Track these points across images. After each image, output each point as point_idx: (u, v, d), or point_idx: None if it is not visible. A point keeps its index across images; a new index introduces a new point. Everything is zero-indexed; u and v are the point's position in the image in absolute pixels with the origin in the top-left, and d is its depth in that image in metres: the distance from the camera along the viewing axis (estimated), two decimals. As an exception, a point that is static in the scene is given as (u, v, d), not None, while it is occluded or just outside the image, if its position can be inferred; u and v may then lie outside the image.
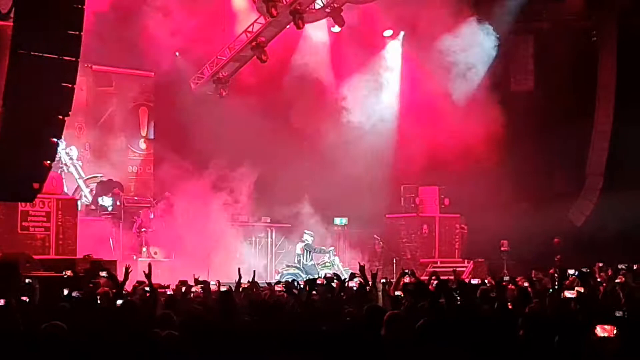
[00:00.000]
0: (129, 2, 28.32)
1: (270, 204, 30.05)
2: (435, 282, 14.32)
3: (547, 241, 28.75)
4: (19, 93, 16.19)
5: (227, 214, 29.00)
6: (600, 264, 20.83)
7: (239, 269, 17.03)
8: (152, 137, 31.75)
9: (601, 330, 8.87)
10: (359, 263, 16.85)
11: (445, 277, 17.18)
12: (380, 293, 14.82)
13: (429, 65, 30.54)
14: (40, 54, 16.00)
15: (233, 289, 16.22)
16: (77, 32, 16.28)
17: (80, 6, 16.30)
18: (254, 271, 17.32)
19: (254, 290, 16.49)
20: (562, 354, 9.37)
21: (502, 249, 29.05)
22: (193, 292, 16.00)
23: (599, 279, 18.73)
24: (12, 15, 16.80)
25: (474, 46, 30.40)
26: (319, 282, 16.67)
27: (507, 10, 30.63)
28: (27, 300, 13.47)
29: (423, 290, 13.79)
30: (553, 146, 29.59)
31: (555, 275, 18.91)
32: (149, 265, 13.83)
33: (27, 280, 16.68)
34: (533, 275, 19.31)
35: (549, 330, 9.91)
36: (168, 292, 15.92)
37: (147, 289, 13.77)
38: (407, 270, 18.00)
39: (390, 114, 31.54)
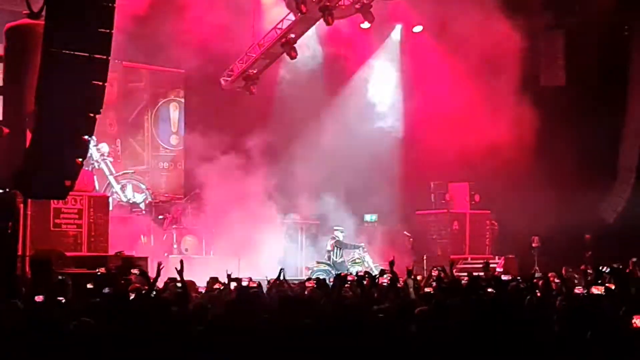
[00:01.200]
0: (159, 0, 28.40)
1: (300, 200, 30.04)
2: (467, 278, 14.32)
3: (579, 237, 28.65)
4: (51, 91, 16.27)
5: (258, 211, 29.02)
6: (634, 259, 20.71)
7: (281, 269, 17.09)
8: (182, 133, 31.86)
9: (639, 321, 8.85)
10: (390, 261, 16.84)
11: (477, 274, 17.20)
12: (411, 290, 14.82)
13: (459, 62, 30.43)
14: (72, 53, 16.06)
15: (264, 285, 16.29)
16: (108, 30, 16.35)
17: (110, 4, 16.36)
18: (281, 269, 17.36)
19: (285, 286, 16.50)
20: (596, 348, 9.35)
21: (533, 245, 28.92)
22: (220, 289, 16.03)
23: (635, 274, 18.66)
24: (43, 14, 16.90)
25: (504, 41, 30.26)
26: (349, 279, 16.69)
27: (537, 5, 30.50)
28: (61, 297, 13.55)
29: (456, 287, 13.80)
30: (584, 142, 29.43)
31: (588, 271, 18.87)
32: (181, 262, 13.91)
33: (59, 277, 16.78)
34: (564, 272, 19.22)
35: (581, 326, 9.90)
36: (200, 289, 16.01)
37: (179, 285, 13.84)
38: (438, 267, 17.99)
39: (420, 110, 31.48)
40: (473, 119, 29.72)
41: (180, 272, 13.60)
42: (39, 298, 12.61)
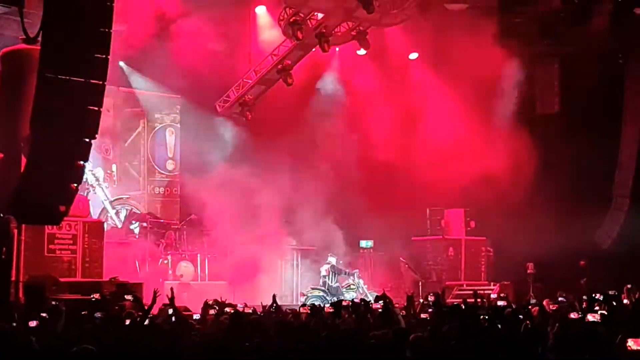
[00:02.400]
0: (156, 25, 28.45)
1: (296, 226, 30.02)
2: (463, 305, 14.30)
3: (574, 263, 28.66)
4: (46, 116, 16.25)
5: (254, 236, 28.99)
6: (629, 286, 20.70)
7: (274, 295, 17.08)
8: (178, 158, 31.85)
9: (634, 344, 8.85)
10: (383, 290, 16.85)
11: (473, 300, 17.20)
12: (399, 317, 14.79)
13: (455, 89, 30.51)
14: (67, 78, 16.05)
15: (259, 311, 16.27)
16: (104, 56, 16.36)
17: (107, 30, 16.38)
18: (274, 295, 17.33)
19: (279, 313, 16.49)
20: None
21: (529, 271, 28.92)
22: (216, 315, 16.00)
23: (627, 301, 18.65)
24: (39, 39, 16.91)
25: (500, 69, 30.35)
26: (344, 304, 16.68)
27: (532, 33, 30.61)
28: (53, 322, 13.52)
29: (452, 313, 13.78)
30: (579, 168, 29.45)
31: (583, 297, 18.88)
32: (171, 290, 13.92)
33: (53, 303, 16.72)
34: (559, 298, 19.22)
35: (577, 352, 9.88)
36: (194, 316, 15.98)
37: (171, 312, 13.84)
38: (432, 293, 17.97)
39: (415, 136, 31.51)
40: (469, 146, 29.78)
41: (171, 300, 13.58)
42: (32, 323, 12.57)
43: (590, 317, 13.49)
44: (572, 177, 29.53)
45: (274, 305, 16.92)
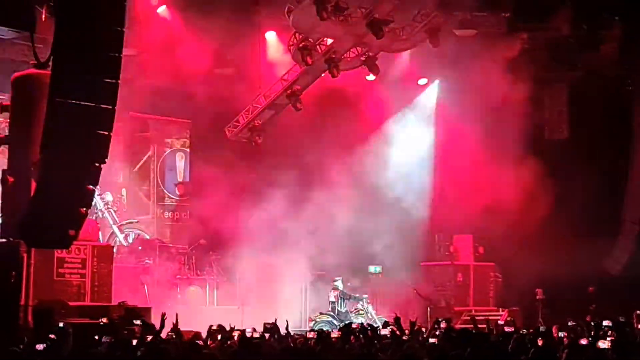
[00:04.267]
0: (165, 49, 28.56)
1: (305, 251, 29.97)
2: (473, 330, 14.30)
3: (583, 289, 28.59)
4: (56, 140, 16.33)
5: (263, 261, 28.98)
6: (638, 312, 20.65)
7: (275, 319, 17.08)
8: (188, 183, 31.91)
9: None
10: (395, 314, 16.82)
11: (482, 326, 17.17)
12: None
13: (463, 114, 30.56)
14: (77, 102, 16.13)
15: (267, 336, 16.26)
16: (114, 81, 16.44)
17: (117, 54, 16.47)
18: (275, 319, 17.36)
19: (287, 338, 16.48)
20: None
21: (537, 297, 28.88)
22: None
23: (637, 327, 18.61)
24: (50, 64, 17.01)
25: (508, 94, 30.38)
26: (353, 326, 16.69)
27: (540, 59, 30.66)
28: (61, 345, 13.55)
29: (462, 339, 13.76)
30: (588, 194, 29.42)
31: (592, 323, 18.85)
32: (176, 316, 13.94)
33: (60, 325, 16.73)
34: (568, 324, 19.18)
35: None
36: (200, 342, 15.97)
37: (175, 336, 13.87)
38: (440, 319, 17.95)
39: (424, 162, 31.54)
40: (477, 171, 29.76)
41: (175, 325, 13.64)
42: (39, 346, 12.60)
43: (600, 344, 13.45)
44: (581, 203, 29.49)
45: (276, 329, 16.92)
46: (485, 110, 30.19)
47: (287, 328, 17.98)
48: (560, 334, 16.70)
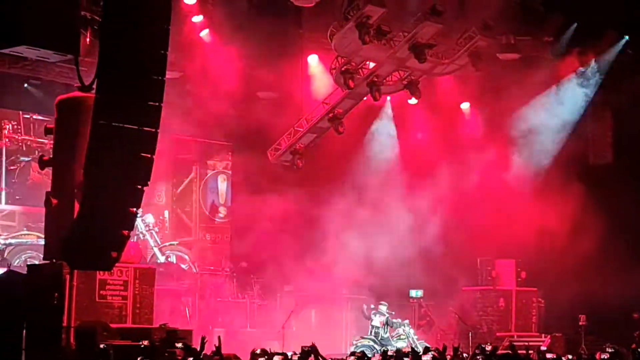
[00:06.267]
0: (208, 72, 28.68)
1: (346, 274, 29.92)
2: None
3: (627, 316, 28.32)
4: (99, 163, 16.39)
5: (302, 284, 28.97)
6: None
7: (312, 343, 16.99)
8: (230, 205, 31.99)
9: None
10: (444, 345, 16.71)
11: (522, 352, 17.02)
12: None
13: (506, 139, 30.45)
14: (121, 125, 16.20)
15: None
16: (158, 104, 16.50)
17: (160, 78, 16.53)
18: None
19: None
20: None
21: (580, 323, 28.64)
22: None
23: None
24: (94, 87, 17.11)
25: (552, 119, 30.25)
26: (389, 353, 16.59)
27: (585, 84, 30.51)
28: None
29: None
30: (632, 219, 29.18)
31: (638, 350, 18.66)
32: (219, 338, 13.93)
33: (101, 346, 16.76)
34: (607, 349, 18.98)
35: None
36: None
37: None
38: (484, 344, 17.81)
39: (467, 186, 31.41)
40: (519, 196, 29.62)
41: (218, 348, 13.61)
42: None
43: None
44: (625, 228, 29.26)
45: (315, 352, 16.82)
46: (528, 134, 30.08)
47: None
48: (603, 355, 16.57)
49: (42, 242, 19.49)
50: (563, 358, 16.95)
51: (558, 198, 29.13)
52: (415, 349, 20.33)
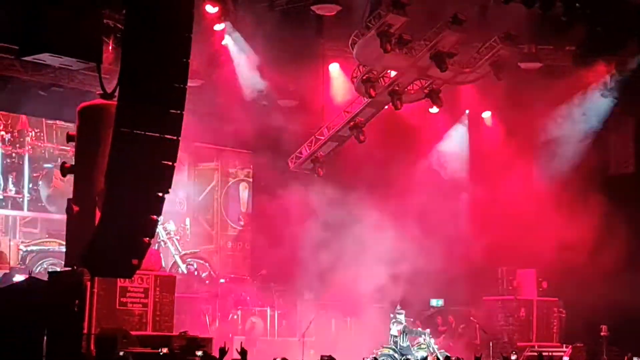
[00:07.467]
0: (229, 80, 28.74)
1: (367, 284, 29.86)
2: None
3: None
4: (120, 170, 16.45)
5: (323, 293, 28.93)
6: None
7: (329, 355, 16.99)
8: (251, 212, 32.01)
9: None
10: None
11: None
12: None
13: (527, 149, 30.37)
14: (143, 132, 16.26)
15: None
16: (179, 111, 16.56)
17: (182, 85, 16.60)
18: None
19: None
20: None
21: (602, 333, 28.49)
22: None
23: None
24: (116, 94, 17.17)
25: (574, 129, 30.16)
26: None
27: (606, 93, 30.39)
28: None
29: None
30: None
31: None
32: (242, 346, 13.90)
33: (120, 354, 16.78)
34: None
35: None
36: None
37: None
38: (506, 355, 17.75)
39: (489, 197, 31.30)
40: (541, 206, 29.51)
41: (242, 355, 13.59)
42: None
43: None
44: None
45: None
46: (549, 144, 29.99)
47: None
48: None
49: (64, 249, 19.56)
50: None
51: (579, 208, 29.00)
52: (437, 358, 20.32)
